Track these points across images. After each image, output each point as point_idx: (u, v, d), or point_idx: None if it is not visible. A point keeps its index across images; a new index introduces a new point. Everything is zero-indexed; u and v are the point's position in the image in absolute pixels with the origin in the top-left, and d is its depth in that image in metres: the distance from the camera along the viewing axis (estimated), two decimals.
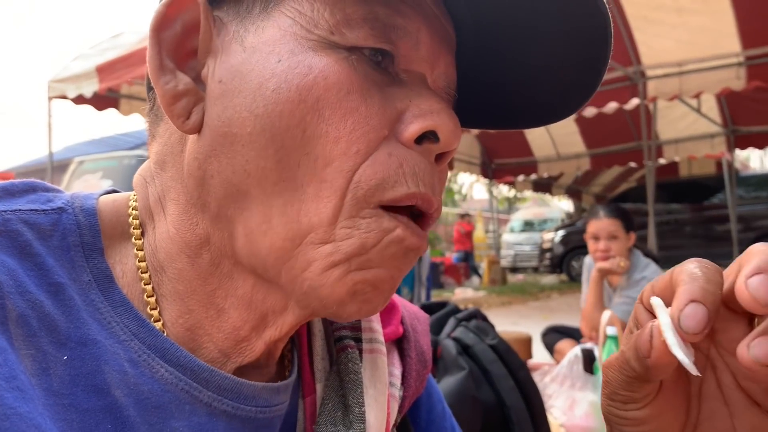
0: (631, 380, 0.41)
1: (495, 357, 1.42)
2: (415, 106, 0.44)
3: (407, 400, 0.60)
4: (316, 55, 0.42)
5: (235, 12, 0.45)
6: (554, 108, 0.53)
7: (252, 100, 0.42)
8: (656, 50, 6.95)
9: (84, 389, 0.40)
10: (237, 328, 0.47)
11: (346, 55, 0.43)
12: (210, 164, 0.44)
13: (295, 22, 0.43)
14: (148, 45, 0.45)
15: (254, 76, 0.43)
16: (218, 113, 0.43)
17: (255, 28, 0.44)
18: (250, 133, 0.42)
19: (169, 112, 0.44)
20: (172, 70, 0.45)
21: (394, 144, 0.43)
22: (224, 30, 0.46)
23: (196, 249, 0.46)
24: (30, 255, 0.42)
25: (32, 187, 0.47)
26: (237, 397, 0.46)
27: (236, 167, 0.42)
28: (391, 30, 0.44)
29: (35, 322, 0.40)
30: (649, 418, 0.41)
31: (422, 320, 0.66)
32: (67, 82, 6.07)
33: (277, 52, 0.43)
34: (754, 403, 0.40)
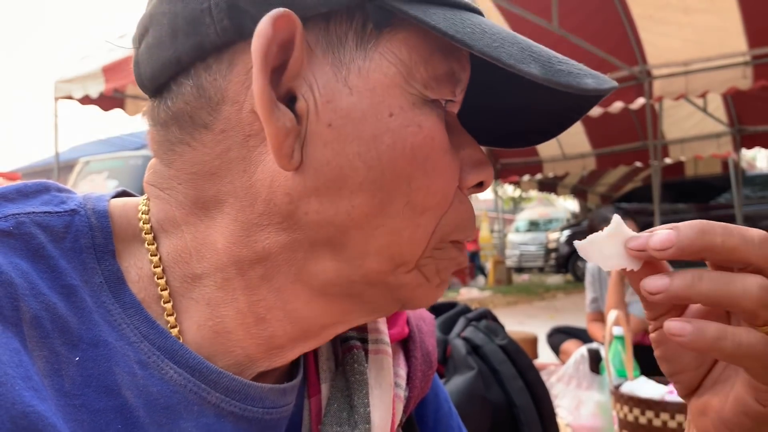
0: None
1: (504, 357, 1.43)
2: (468, 156, 0.49)
3: (412, 401, 0.60)
4: (422, 112, 0.45)
5: (325, 39, 0.43)
6: (547, 130, 0.56)
7: (366, 151, 0.43)
8: (662, 49, 6.94)
9: (95, 390, 0.40)
10: (274, 337, 0.47)
11: (439, 113, 0.46)
12: (307, 203, 0.43)
13: (398, 72, 0.44)
14: (256, 74, 0.41)
15: (368, 126, 0.43)
16: (328, 158, 0.43)
17: (357, 68, 0.43)
18: (360, 183, 0.43)
19: (278, 152, 0.42)
20: (276, 103, 0.43)
21: (459, 191, 0.49)
22: (312, 56, 0.44)
23: (250, 263, 0.45)
24: (43, 257, 0.42)
25: (45, 187, 0.48)
26: (245, 398, 0.46)
27: (339, 210, 0.44)
28: (458, 83, 0.48)
29: (48, 323, 0.40)
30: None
31: (428, 321, 0.66)
32: (73, 83, 6.10)
33: (387, 104, 0.44)
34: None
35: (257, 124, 0.44)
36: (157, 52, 0.46)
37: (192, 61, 0.44)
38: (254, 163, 0.44)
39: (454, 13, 0.45)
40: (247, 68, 0.43)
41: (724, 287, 0.41)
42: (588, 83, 0.43)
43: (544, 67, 0.43)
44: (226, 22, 0.42)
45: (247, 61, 0.43)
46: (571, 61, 0.46)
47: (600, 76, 0.46)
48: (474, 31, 0.43)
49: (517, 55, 0.43)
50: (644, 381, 1.87)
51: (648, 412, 1.75)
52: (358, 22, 0.44)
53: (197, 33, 0.43)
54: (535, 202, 25.06)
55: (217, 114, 0.44)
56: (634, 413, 1.74)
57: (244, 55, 0.43)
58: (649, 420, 1.72)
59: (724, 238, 0.42)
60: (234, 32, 0.43)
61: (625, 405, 1.77)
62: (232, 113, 0.44)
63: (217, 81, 0.44)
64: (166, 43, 0.45)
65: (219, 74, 0.44)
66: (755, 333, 0.41)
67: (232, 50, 0.44)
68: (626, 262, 0.45)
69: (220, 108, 0.44)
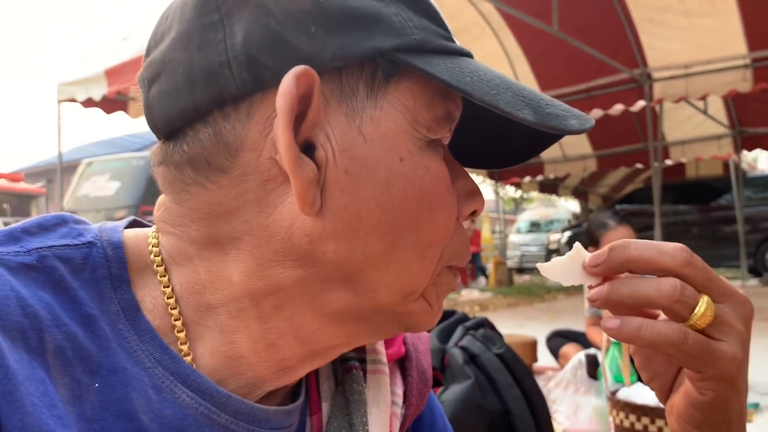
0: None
1: (501, 366, 1.45)
2: (462, 187, 0.53)
3: (409, 418, 0.63)
4: (428, 155, 0.48)
5: (339, 89, 0.46)
6: (522, 154, 0.60)
7: (381, 194, 0.46)
8: (662, 52, 6.95)
9: (113, 414, 0.43)
10: (285, 360, 0.50)
11: (441, 152, 0.50)
12: (326, 244, 0.46)
13: (405, 119, 0.47)
14: (281, 130, 0.43)
15: (381, 172, 0.46)
16: (346, 203, 0.46)
17: (369, 117, 0.46)
18: (374, 224, 0.47)
19: (302, 200, 0.44)
20: (300, 155, 0.45)
21: (457, 221, 0.52)
22: (328, 106, 0.46)
23: (264, 295, 0.48)
24: (64, 289, 0.45)
25: (63, 220, 0.50)
26: (252, 420, 0.49)
27: (356, 250, 0.47)
28: (454, 120, 0.51)
29: (70, 352, 0.43)
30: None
31: (423, 339, 0.69)
32: (76, 86, 6.12)
33: (398, 150, 0.47)
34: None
35: (275, 169, 0.46)
36: (173, 99, 0.47)
37: (210, 109, 0.46)
38: (272, 205, 0.47)
39: (452, 60, 0.48)
40: (265, 117, 0.45)
41: (639, 289, 0.48)
42: (573, 124, 0.48)
43: (535, 112, 0.47)
44: (246, 75, 0.44)
45: (265, 111, 0.45)
46: (557, 102, 0.50)
47: (582, 116, 0.50)
48: (473, 80, 0.47)
49: (512, 102, 0.46)
50: (641, 387, 1.89)
51: (644, 418, 1.77)
52: (368, 73, 0.47)
53: (216, 84, 0.45)
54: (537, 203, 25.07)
55: (236, 160, 0.46)
56: (630, 419, 1.76)
57: (262, 105, 0.45)
58: (644, 426, 1.75)
59: (640, 251, 0.49)
60: (253, 85, 0.45)
61: (622, 411, 1.79)
62: (250, 160, 0.46)
63: (236, 129, 0.46)
64: (183, 92, 0.47)
65: (238, 123, 0.46)
66: (672, 324, 0.48)
67: (250, 100, 0.46)
68: (585, 279, 0.52)
69: (239, 154, 0.46)
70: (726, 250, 10.76)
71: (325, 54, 0.45)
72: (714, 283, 0.49)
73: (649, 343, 0.48)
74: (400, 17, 0.47)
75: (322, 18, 0.45)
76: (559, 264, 0.53)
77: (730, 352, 0.48)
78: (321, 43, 0.45)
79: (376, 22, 0.46)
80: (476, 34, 7.10)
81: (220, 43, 0.45)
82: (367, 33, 0.45)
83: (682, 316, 0.48)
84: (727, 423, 0.51)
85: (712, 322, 0.48)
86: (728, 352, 0.48)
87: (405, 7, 0.48)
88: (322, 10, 0.45)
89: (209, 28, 0.46)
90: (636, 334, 0.48)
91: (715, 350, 0.47)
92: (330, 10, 0.45)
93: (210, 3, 0.46)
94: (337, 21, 0.45)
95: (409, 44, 0.46)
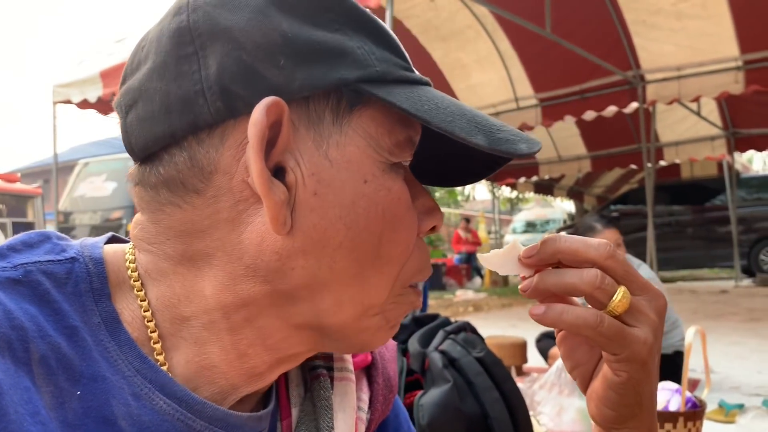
0: None
1: (481, 369, 1.47)
2: (422, 205, 0.56)
3: (374, 422, 0.67)
4: (390, 177, 0.52)
5: (306, 116, 0.49)
6: (478, 172, 0.63)
7: (347, 214, 0.49)
8: (655, 54, 6.99)
9: (94, 420, 0.46)
10: (255, 367, 0.54)
11: (402, 174, 0.53)
12: (295, 261, 0.49)
13: (368, 144, 0.51)
14: (254, 157, 0.46)
15: (347, 194, 0.49)
16: (314, 222, 0.49)
17: (335, 143, 0.50)
18: (341, 242, 0.50)
19: (274, 221, 0.48)
20: (272, 180, 0.48)
21: (417, 238, 0.55)
22: (297, 132, 0.49)
23: (235, 308, 0.51)
24: (48, 302, 0.48)
25: (47, 237, 0.54)
26: (226, 425, 0.52)
27: (322, 265, 0.50)
28: (414, 145, 0.55)
29: (54, 362, 0.46)
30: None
31: (390, 348, 0.72)
32: (71, 87, 6.15)
33: (362, 173, 0.50)
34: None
35: (246, 191, 0.49)
36: (149, 125, 0.50)
37: (185, 135, 0.49)
38: (243, 224, 0.50)
39: (412, 90, 0.52)
40: (237, 142, 0.49)
41: (564, 278, 0.54)
42: (522, 148, 0.52)
43: (487, 137, 0.51)
44: (219, 103, 0.47)
45: (238, 137, 0.49)
46: (508, 127, 0.54)
47: (530, 140, 0.54)
48: (430, 108, 0.50)
49: (466, 128, 0.50)
50: None
51: None
52: (333, 101, 0.50)
53: (191, 112, 0.48)
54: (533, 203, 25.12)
55: (209, 182, 0.49)
56: None
57: (235, 131, 0.48)
58: None
59: (569, 244, 0.54)
60: (226, 113, 0.48)
61: None
62: (223, 182, 0.49)
63: (209, 154, 0.49)
64: (159, 119, 0.50)
65: (212, 148, 0.48)
66: (591, 309, 0.53)
67: (223, 126, 0.49)
68: (520, 270, 0.57)
69: (212, 177, 0.49)
70: (720, 250, 10.81)
71: (293, 84, 0.48)
72: (632, 276, 0.55)
73: (570, 325, 0.53)
74: (363, 50, 0.50)
75: (291, 51, 0.48)
76: (497, 255, 0.58)
77: (642, 336, 0.53)
78: (289, 75, 0.48)
79: (341, 55, 0.49)
80: (470, 37, 7.13)
81: (195, 73, 0.48)
82: (332, 65, 0.49)
83: (601, 303, 0.53)
84: (639, 404, 0.56)
85: (628, 309, 0.54)
86: (640, 337, 0.53)
87: (367, 41, 0.51)
88: (290, 44, 0.48)
89: (184, 60, 0.49)
90: (558, 318, 0.53)
91: (629, 334, 0.53)
92: (297, 43, 0.48)
93: (185, 36, 0.49)
94: (304, 54, 0.48)
95: (371, 75, 0.50)
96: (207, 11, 0.49)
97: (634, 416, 0.57)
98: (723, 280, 11.29)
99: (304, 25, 0.49)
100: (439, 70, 7.60)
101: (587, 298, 0.55)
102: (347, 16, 0.51)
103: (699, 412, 1.91)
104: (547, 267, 0.56)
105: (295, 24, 0.49)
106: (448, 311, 7.62)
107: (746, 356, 4.54)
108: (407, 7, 6.39)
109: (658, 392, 2.10)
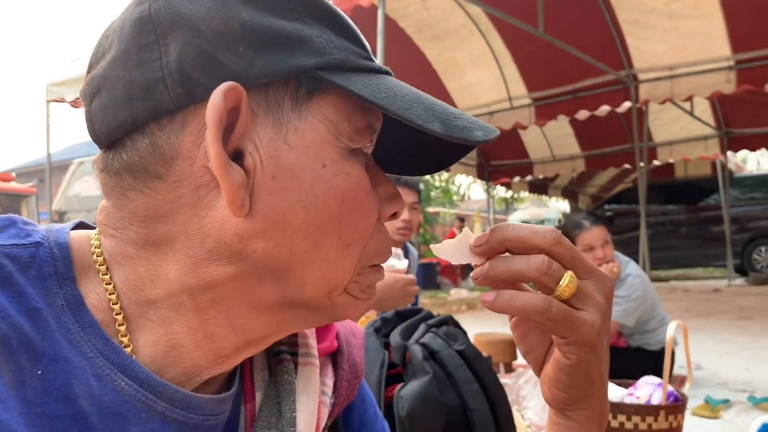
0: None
1: (461, 362, 1.49)
2: (384, 191, 0.58)
3: (338, 407, 0.68)
4: (349, 162, 0.53)
5: (265, 102, 0.51)
6: (441, 161, 0.65)
7: (305, 197, 0.51)
8: (648, 54, 7.02)
9: (55, 399, 0.47)
10: (222, 348, 0.55)
11: (361, 159, 0.55)
12: (255, 243, 0.51)
13: (327, 130, 0.52)
14: (211, 140, 0.48)
15: (306, 177, 0.51)
16: (273, 205, 0.50)
17: (294, 128, 0.51)
18: (300, 224, 0.51)
19: (232, 203, 0.49)
20: (229, 162, 0.49)
21: (377, 222, 0.57)
22: (255, 118, 0.50)
23: (200, 290, 0.53)
24: (11, 284, 0.49)
25: (12, 222, 0.55)
26: (187, 407, 0.53)
27: (282, 248, 0.51)
28: (374, 132, 0.56)
29: (15, 342, 0.47)
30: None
31: (358, 335, 0.74)
32: (64, 86, 6.15)
33: (321, 157, 0.52)
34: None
35: (207, 176, 0.50)
36: (113, 112, 0.52)
37: (147, 121, 0.51)
38: (204, 208, 0.51)
39: (371, 78, 0.53)
40: (197, 128, 0.50)
41: (513, 264, 0.55)
42: (477, 135, 0.54)
43: (444, 124, 0.52)
44: (180, 90, 0.49)
45: (198, 122, 0.50)
46: (465, 115, 0.56)
47: (486, 128, 0.55)
48: (388, 95, 0.52)
49: (423, 116, 0.52)
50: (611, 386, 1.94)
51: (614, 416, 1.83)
52: (292, 88, 0.51)
53: (152, 98, 0.49)
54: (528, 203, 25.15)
55: (170, 167, 0.51)
56: None
57: (195, 117, 0.49)
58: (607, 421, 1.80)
59: (516, 231, 0.56)
60: (186, 99, 0.49)
61: None
62: (184, 167, 0.50)
63: (170, 139, 0.50)
64: (122, 106, 0.51)
65: (172, 133, 0.50)
66: (539, 294, 0.55)
67: (183, 112, 0.50)
68: (472, 259, 0.59)
69: (174, 162, 0.51)
70: (713, 249, 10.84)
71: (252, 71, 0.49)
72: (579, 261, 0.56)
73: (519, 310, 0.55)
74: (322, 38, 0.52)
75: (250, 39, 0.50)
76: (450, 245, 0.59)
77: (590, 319, 0.55)
78: (248, 62, 0.49)
79: (299, 42, 0.51)
80: (464, 36, 7.15)
81: (156, 61, 0.49)
82: (290, 53, 0.50)
83: (549, 288, 0.55)
84: (590, 385, 0.58)
85: (575, 293, 0.55)
86: (588, 320, 0.55)
87: (326, 29, 0.53)
88: (250, 32, 0.50)
89: (146, 48, 0.50)
90: (508, 304, 0.55)
91: (577, 318, 0.55)
92: (256, 31, 0.50)
93: (147, 25, 0.50)
94: (263, 42, 0.50)
95: (329, 63, 0.51)
96: (168, 0, 0.50)
97: (585, 398, 0.58)
98: (716, 279, 11.33)
99: (264, 14, 0.50)
100: (432, 69, 7.62)
101: (536, 284, 0.56)
102: (306, 5, 0.52)
103: (680, 405, 1.94)
104: (497, 255, 0.58)
105: (255, 13, 0.50)
106: (442, 310, 7.64)
107: (735, 353, 4.56)
108: (401, 6, 6.41)
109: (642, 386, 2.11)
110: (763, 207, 10.69)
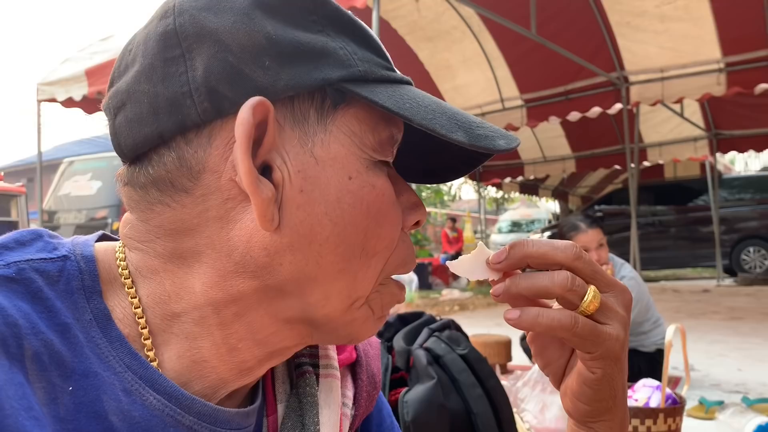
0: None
1: (464, 366, 1.49)
2: (406, 200, 0.58)
3: (358, 418, 0.68)
4: (374, 174, 0.53)
5: (291, 115, 0.51)
6: (459, 169, 0.65)
7: (332, 210, 0.51)
8: (639, 56, 7.06)
9: (86, 416, 0.47)
10: (245, 361, 0.55)
11: (385, 171, 0.55)
12: (283, 256, 0.51)
13: (352, 142, 0.52)
14: (241, 156, 0.48)
15: (332, 190, 0.51)
16: (301, 219, 0.50)
17: (320, 141, 0.51)
18: (327, 237, 0.51)
19: (262, 218, 0.49)
20: (259, 178, 0.49)
21: (402, 231, 0.57)
22: (282, 131, 0.51)
23: (225, 304, 0.52)
24: (41, 299, 0.49)
25: (39, 235, 0.55)
26: (214, 421, 0.54)
27: (309, 260, 0.51)
28: (396, 142, 0.57)
29: (47, 358, 0.47)
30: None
31: (374, 345, 0.74)
32: (56, 86, 6.11)
33: (347, 170, 0.52)
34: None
35: (234, 189, 0.50)
36: (138, 127, 0.52)
37: (173, 136, 0.50)
38: (232, 221, 0.51)
39: (394, 89, 0.54)
40: (224, 142, 0.50)
41: (537, 281, 0.55)
42: (501, 144, 0.54)
43: (467, 134, 0.53)
44: (207, 104, 0.49)
45: (225, 136, 0.50)
46: (487, 124, 0.56)
47: (509, 136, 0.56)
48: (412, 106, 0.52)
49: (447, 125, 0.52)
50: None
51: None
52: (317, 101, 0.52)
53: (179, 113, 0.49)
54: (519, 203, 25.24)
55: (197, 181, 0.51)
56: None
57: (222, 130, 0.49)
58: None
59: (537, 247, 0.56)
60: (213, 113, 0.49)
61: None
62: (212, 181, 0.50)
63: (197, 153, 0.50)
64: (147, 120, 0.51)
65: (199, 147, 0.50)
66: (565, 311, 0.54)
67: (210, 126, 0.50)
68: (489, 274, 0.58)
69: (201, 176, 0.50)
70: (702, 250, 10.92)
71: (278, 84, 0.50)
72: (599, 275, 0.56)
73: (546, 328, 0.54)
74: (346, 50, 0.52)
75: (275, 52, 0.50)
76: (466, 261, 0.59)
77: (614, 333, 0.55)
78: (275, 75, 0.49)
79: (324, 55, 0.51)
80: (456, 37, 7.17)
81: (182, 75, 0.49)
82: (316, 65, 0.51)
83: (573, 304, 0.55)
84: (613, 398, 0.58)
85: (599, 308, 0.55)
86: (612, 334, 0.55)
87: (350, 41, 0.53)
88: (275, 45, 0.50)
89: (171, 62, 0.50)
90: (534, 321, 0.55)
91: (602, 332, 0.55)
92: (282, 44, 0.50)
93: (172, 39, 0.50)
94: (288, 55, 0.50)
95: (354, 75, 0.52)
96: (193, 14, 0.50)
97: (609, 410, 0.59)
98: (705, 279, 11.41)
99: (288, 26, 0.51)
100: (425, 70, 7.63)
101: (559, 300, 0.56)
102: (330, 18, 0.53)
103: (679, 408, 1.95)
104: (515, 271, 0.58)
105: (279, 26, 0.50)
106: (434, 310, 7.65)
107: (727, 354, 4.60)
108: (394, 7, 6.42)
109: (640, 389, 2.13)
110: (752, 208, 10.77)
